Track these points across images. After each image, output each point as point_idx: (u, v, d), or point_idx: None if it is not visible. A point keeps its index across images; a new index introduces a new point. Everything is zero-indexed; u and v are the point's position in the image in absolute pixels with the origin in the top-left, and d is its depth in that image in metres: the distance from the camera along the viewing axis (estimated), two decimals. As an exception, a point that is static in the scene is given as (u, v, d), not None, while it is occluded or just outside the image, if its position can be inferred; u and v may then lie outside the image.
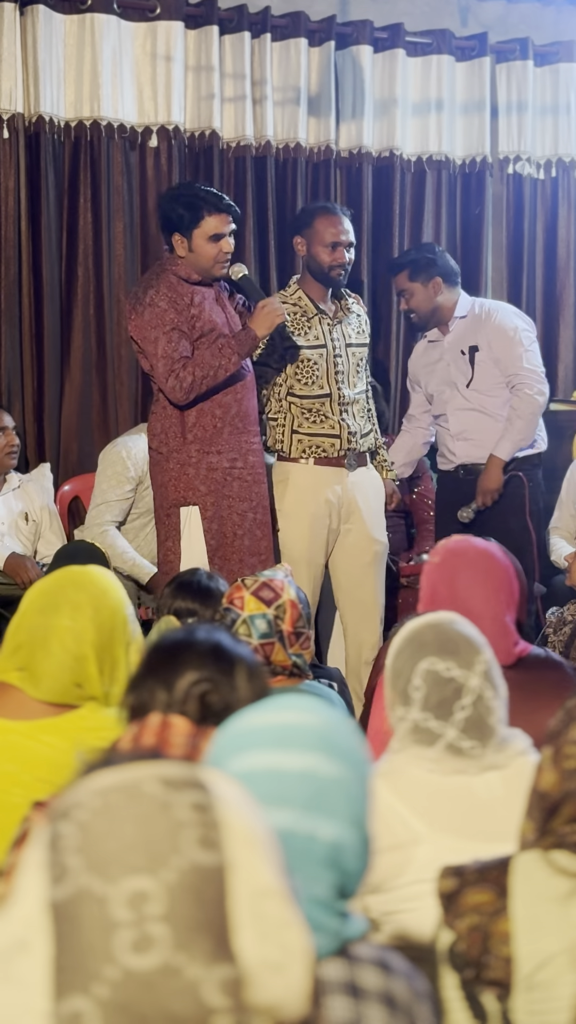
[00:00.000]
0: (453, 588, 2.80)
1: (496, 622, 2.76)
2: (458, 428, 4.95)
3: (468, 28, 5.94)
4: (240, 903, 0.96)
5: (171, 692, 1.90)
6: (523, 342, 4.90)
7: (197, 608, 3.26)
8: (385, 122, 5.74)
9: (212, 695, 1.89)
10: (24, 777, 2.28)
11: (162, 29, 5.30)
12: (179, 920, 0.93)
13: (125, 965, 0.92)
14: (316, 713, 1.38)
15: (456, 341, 4.98)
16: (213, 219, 4.23)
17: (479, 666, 2.12)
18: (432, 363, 5.07)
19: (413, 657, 2.12)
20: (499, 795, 2.06)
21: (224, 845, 0.97)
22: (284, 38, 5.52)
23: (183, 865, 0.95)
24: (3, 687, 2.41)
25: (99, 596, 2.44)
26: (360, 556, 4.62)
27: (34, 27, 5.07)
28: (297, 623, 2.93)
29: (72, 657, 2.37)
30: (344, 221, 4.60)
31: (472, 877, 1.61)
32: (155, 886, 0.94)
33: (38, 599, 2.47)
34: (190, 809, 0.97)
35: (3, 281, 5.11)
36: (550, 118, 6.04)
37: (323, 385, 4.55)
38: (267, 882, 0.98)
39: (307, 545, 4.53)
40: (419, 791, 2.07)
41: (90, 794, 0.98)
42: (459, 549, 2.88)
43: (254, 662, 1.96)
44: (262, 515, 4.36)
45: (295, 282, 4.67)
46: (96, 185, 5.24)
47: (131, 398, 5.34)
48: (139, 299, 4.24)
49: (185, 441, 4.25)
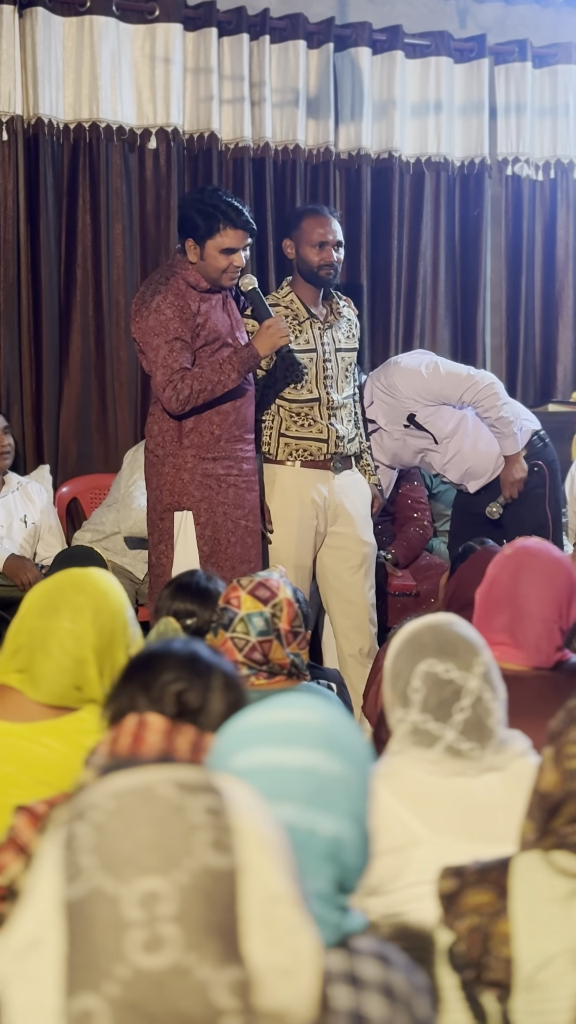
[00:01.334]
0: (515, 582, 2.84)
1: (545, 624, 2.80)
2: (458, 475, 4.95)
3: (467, 30, 5.95)
4: (250, 907, 0.96)
5: (149, 694, 1.91)
6: (424, 372, 4.84)
7: (196, 609, 3.26)
8: (384, 124, 5.75)
9: (188, 693, 1.90)
10: (23, 779, 2.28)
11: (161, 31, 5.30)
12: (190, 921, 0.94)
13: (136, 964, 0.93)
14: (319, 711, 1.40)
15: (393, 426, 4.92)
16: (228, 233, 4.17)
17: (478, 668, 2.12)
18: (396, 451, 5.01)
19: (412, 659, 2.12)
20: (498, 797, 2.06)
21: (236, 849, 0.98)
22: (283, 40, 5.52)
23: (195, 867, 0.96)
24: (3, 689, 2.41)
25: (100, 599, 2.43)
26: (349, 558, 4.62)
27: (33, 29, 5.07)
28: (294, 622, 2.93)
29: (72, 660, 2.37)
30: (332, 221, 4.57)
31: (472, 878, 1.61)
32: (167, 887, 0.95)
33: (38, 601, 2.46)
34: (204, 813, 0.98)
35: (2, 283, 5.11)
36: (549, 119, 6.04)
37: (312, 389, 4.54)
38: (278, 888, 0.99)
39: (294, 548, 4.53)
40: (418, 793, 2.07)
41: (106, 796, 0.99)
42: (534, 549, 2.92)
43: (231, 670, 1.98)
44: (253, 523, 4.35)
45: (287, 284, 4.65)
46: (95, 187, 5.24)
47: (130, 400, 5.34)
48: (145, 302, 4.22)
49: (182, 446, 4.24)
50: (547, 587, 2.84)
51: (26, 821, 1.90)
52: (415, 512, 5.36)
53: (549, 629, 2.81)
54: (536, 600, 2.82)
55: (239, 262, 4.22)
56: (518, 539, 3.02)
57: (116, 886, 0.95)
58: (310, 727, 1.37)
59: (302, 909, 1.00)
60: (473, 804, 2.05)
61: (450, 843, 2.02)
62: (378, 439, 4.97)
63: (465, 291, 5.93)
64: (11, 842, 1.90)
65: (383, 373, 4.93)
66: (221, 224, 4.17)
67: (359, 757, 1.39)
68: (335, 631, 4.70)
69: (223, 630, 2.91)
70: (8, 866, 1.87)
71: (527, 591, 2.83)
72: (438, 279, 5.89)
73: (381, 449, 4.99)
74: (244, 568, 4.22)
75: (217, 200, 4.23)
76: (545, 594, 2.83)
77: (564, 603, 2.86)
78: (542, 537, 4.62)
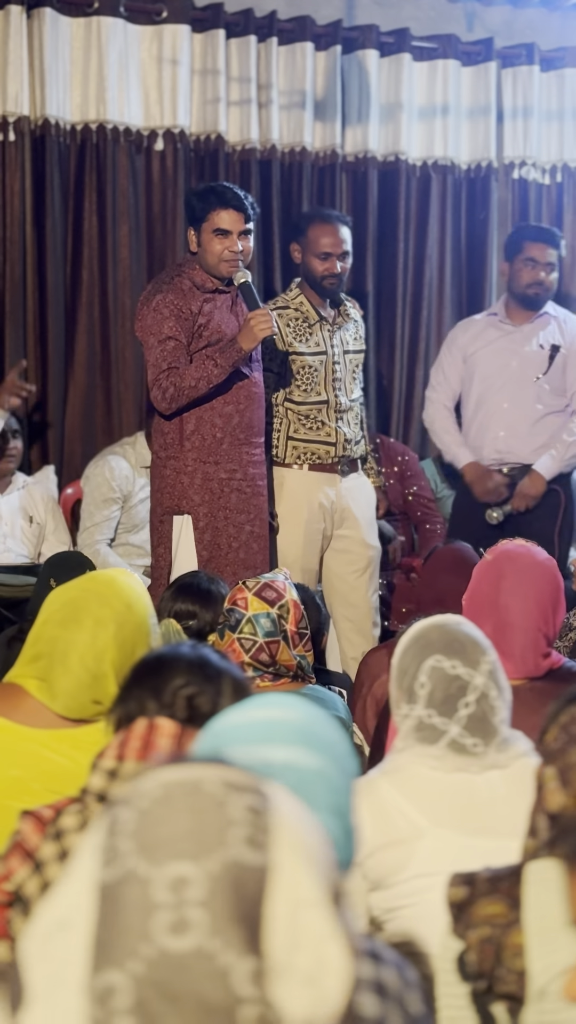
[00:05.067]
0: (496, 590, 2.81)
1: (528, 634, 2.77)
2: (511, 421, 4.83)
3: (474, 33, 5.95)
4: (277, 907, 0.98)
5: (159, 699, 1.90)
6: None
7: (197, 610, 3.25)
8: (391, 127, 5.74)
9: (199, 697, 1.90)
10: (33, 785, 2.25)
11: (168, 33, 5.30)
12: (217, 908, 0.96)
13: (161, 945, 0.95)
14: (297, 709, 1.40)
15: (534, 334, 4.87)
16: (221, 214, 4.14)
17: (484, 665, 2.12)
18: (490, 343, 4.93)
19: (419, 655, 2.13)
20: (501, 793, 2.06)
21: (270, 848, 0.99)
22: (290, 42, 5.52)
23: (227, 858, 0.98)
24: (21, 693, 2.37)
25: (124, 612, 2.38)
26: (354, 562, 4.61)
27: (40, 30, 5.07)
28: (300, 623, 2.93)
29: (91, 676, 2.33)
30: (340, 230, 4.54)
31: (484, 887, 1.59)
32: (197, 873, 0.97)
33: (61, 610, 2.40)
34: (244, 810, 1.00)
35: (8, 283, 5.11)
36: (555, 123, 6.04)
37: (320, 392, 4.54)
38: (308, 893, 1.00)
39: (301, 550, 4.52)
40: (422, 787, 2.08)
41: (154, 784, 1.02)
42: (514, 554, 2.87)
43: (240, 675, 1.98)
44: (260, 528, 4.31)
45: (296, 286, 4.63)
46: (101, 188, 5.24)
47: (135, 401, 5.34)
48: (147, 300, 4.21)
49: (183, 448, 4.21)
50: (529, 594, 2.79)
51: (32, 826, 1.89)
52: (429, 510, 5.39)
53: (534, 638, 2.77)
54: (518, 610, 2.77)
55: (235, 247, 4.15)
56: (500, 543, 2.96)
57: (148, 869, 0.97)
58: (289, 724, 1.37)
59: (335, 920, 1.01)
60: (476, 799, 2.06)
61: (452, 837, 2.03)
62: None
63: (471, 294, 5.92)
64: (18, 847, 1.89)
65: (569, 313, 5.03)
66: (214, 204, 4.15)
67: (339, 753, 1.39)
68: (338, 634, 4.69)
69: (230, 631, 2.91)
70: (15, 872, 1.86)
71: (508, 600, 2.79)
72: (444, 282, 5.89)
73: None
74: (248, 574, 4.17)
75: (215, 184, 4.28)
76: (528, 602, 2.79)
77: (549, 608, 2.81)
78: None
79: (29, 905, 1.79)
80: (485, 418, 4.88)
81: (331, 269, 4.51)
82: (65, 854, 1.81)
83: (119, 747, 1.86)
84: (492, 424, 4.85)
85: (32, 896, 1.79)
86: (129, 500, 4.93)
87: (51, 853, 1.81)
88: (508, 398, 4.83)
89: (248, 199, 4.23)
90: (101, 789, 1.84)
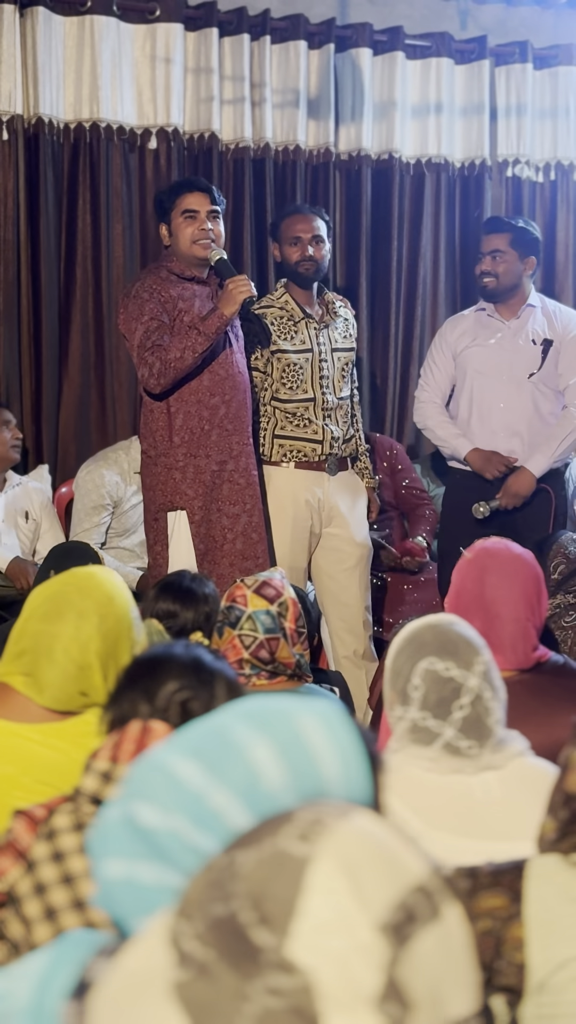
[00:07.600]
0: (481, 585, 2.83)
1: (517, 625, 2.79)
2: (506, 419, 4.79)
3: (467, 31, 5.95)
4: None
5: (153, 702, 1.90)
6: None
7: (177, 610, 3.22)
8: (384, 125, 5.74)
9: (193, 702, 1.90)
10: (24, 780, 2.25)
11: (162, 31, 5.30)
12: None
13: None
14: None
15: (525, 329, 4.82)
16: (186, 197, 4.24)
17: (478, 667, 2.12)
18: (483, 340, 4.87)
19: (412, 657, 2.12)
20: (496, 796, 2.06)
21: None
22: (283, 40, 5.52)
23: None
24: (7, 690, 2.38)
25: (105, 603, 2.39)
26: (343, 560, 4.60)
27: (34, 29, 5.07)
28: (298, 621, 2.94)
29: (76, 667, 2.34)
30: (311, 218, 4.58)
31: (486, 880, 1.59)
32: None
33: (43, 605, 2.42)
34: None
35: (2, 282, 5.11)
36: (549, 121, 6.04)
37: (307, 390, 4.53)
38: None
39: (288, 549, 4.52)
40: (416, 789, 2.07)
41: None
42: (494, 550, 2.90)
43: (233, 677, 1.98)
44: (257, 518, 4.30)
45: (281, 286, 4.65)
46: (95, 187, 5.24)
47: (129, 400, 5.33)
48: (127, 292, 4.25)
49: (172, 444, 4.21)
50: (514, 586, 2.82)
51: (24, 826, 1.89)
52: (422, 499, 5.39)
53: (523, 628, 2.80)
54: (504, 601, 2.80)
55: (205, 225, 4.22)
56: (477, 541, 2.98)
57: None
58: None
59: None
60: (471, 802, 2.05)
61: (448, 839, 2.02)
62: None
63: (465, 292, 5.91)
64: (9, 846, 1.89)
65: (562, 306, 5.00)
66: (179, 190, 4.28)
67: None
68: (330, 633, 4.69)
69: (230, 628, 2.91)
70: (7, 871, 1.86)
71: (494, 593, 2.81)
72: (438, 280, 5.89)
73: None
74: (248, 565, 4.19)
75: (182, 179, 4.38)
76: (513, 593, 2.81)
77: (533, 599, 2.84)
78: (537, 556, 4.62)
79: (21, 905, 1.79)
80: (480, 419, 4.85)
81: (303, 252, 4.53)
82: (58, 854, 1.80)
83: (113, 749, 1.86)
84: (488, 425, 4.82)
85: (24, 896, 1.79)
86: (120, 506, 4.94)
87: (43, 853, 1.81)
88: (503, 398, 4.82)
89: (213, 187, 4.33)
90: (95, 791, 1.84)
